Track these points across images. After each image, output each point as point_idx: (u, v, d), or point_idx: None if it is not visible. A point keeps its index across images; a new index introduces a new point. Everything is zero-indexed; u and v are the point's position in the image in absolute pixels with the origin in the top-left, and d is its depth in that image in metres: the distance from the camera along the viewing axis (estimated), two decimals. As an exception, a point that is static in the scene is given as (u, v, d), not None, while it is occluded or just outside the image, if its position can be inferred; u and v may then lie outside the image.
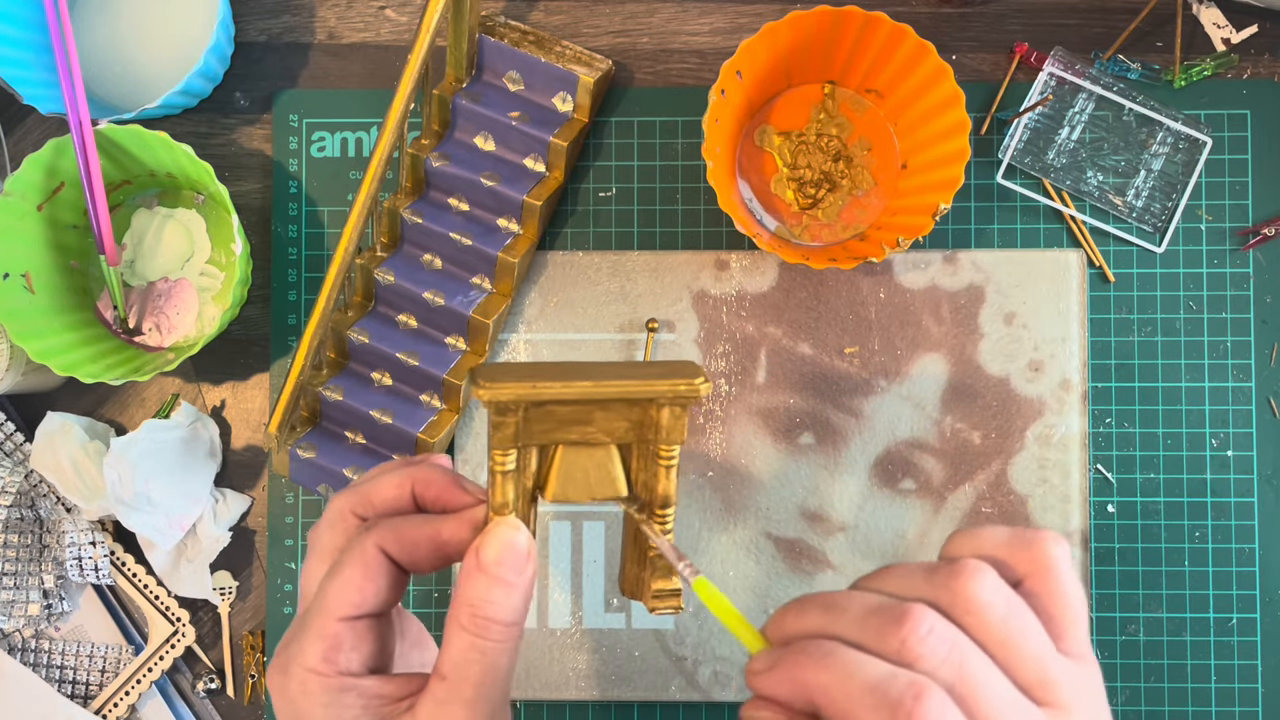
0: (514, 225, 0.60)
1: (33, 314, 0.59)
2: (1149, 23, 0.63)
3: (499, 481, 0.36)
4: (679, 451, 0.38)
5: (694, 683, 0.60)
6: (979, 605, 0.32)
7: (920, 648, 0.31)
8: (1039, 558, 0.34)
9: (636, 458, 0.38)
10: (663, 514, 0.38)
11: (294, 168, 0.63)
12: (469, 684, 0.35)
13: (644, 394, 0.36)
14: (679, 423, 0.37)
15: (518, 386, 0.35)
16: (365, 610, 0.37)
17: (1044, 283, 0.61)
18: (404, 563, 0.38)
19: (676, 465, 0.38)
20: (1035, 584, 0.34)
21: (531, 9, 0.63)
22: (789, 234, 0.62)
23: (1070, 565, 0.34)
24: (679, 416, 0.37)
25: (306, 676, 0.36)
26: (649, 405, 0.37)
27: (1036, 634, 0.33)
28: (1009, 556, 0.34)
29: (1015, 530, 0.35)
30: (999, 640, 0.32)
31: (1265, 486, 0.61)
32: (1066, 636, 0.34)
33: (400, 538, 0.37)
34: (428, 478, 0.39)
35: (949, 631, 0.31)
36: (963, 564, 0.33)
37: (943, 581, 0.33)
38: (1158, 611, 0.61)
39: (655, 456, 0.37)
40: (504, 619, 0.35)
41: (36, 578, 0.62)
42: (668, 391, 0.36)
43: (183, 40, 0.63)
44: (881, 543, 0.61)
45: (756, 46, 0.56)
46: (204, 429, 0.62)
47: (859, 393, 0.61)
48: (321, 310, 0.55)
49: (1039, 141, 0.62)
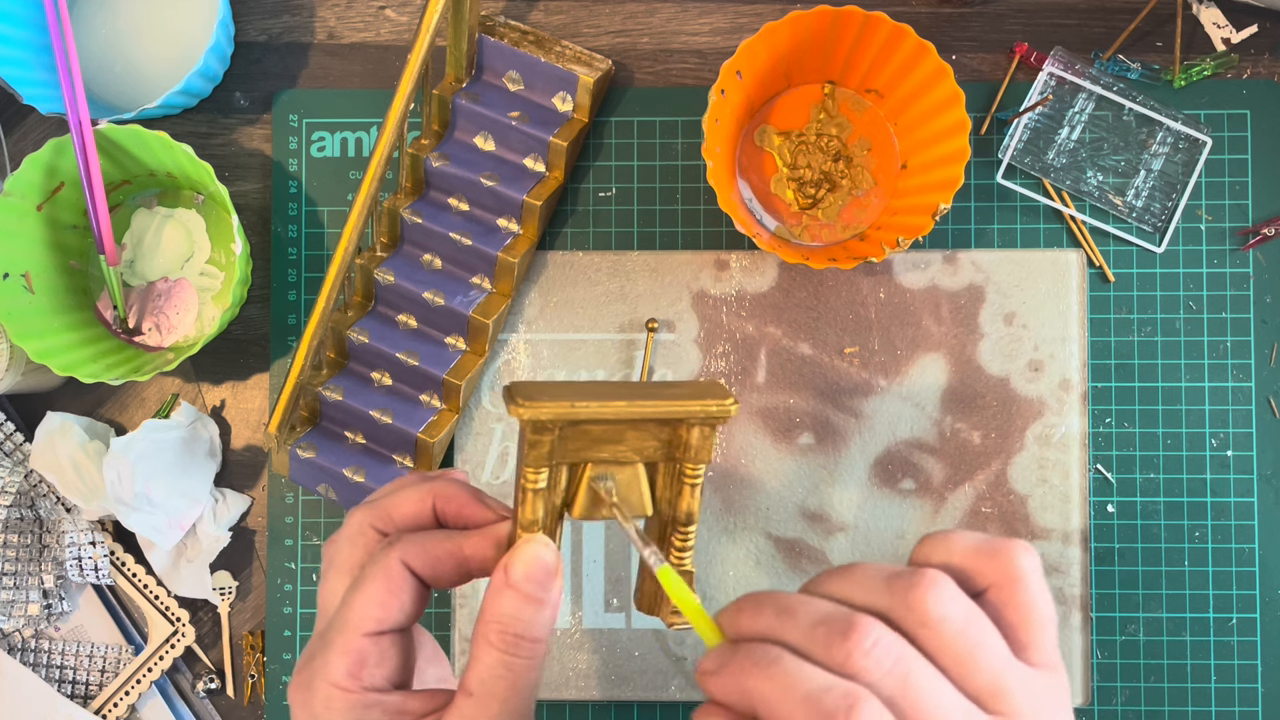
0: (514, 225, 0.60)
1: (33, 314, 0.59)
2: (1149, 23, 0.63)
3: (530, 499, 0.36)
4: (705, 471, 0.38)
5: (694, 683, 0.60)
6: (934, 618, 0.32)
7: (864, 660, 0.31)
8: (1006, 568, 0.34)
9: (662, 476, 0.39)
10: (684, 531, 0.39)
11: (294, 168, 0.63)
12: (497, 700, 0.35)
13: (677, 414, 0.37)
14: (707, 443, 0.37)
15: (556, 406, 0.35)
16: (390, 625, 0.37)
17: (1044, 283, 0.61)
18: (427, 578, 0.38)
19: (701, 484, 0.38)
20: (1000, 594, 0.34)
21: (531, 9, 0.63)
22: (789, 234, 0.62)
23: (1039, 575, 0.34)
24: (708, 436, 0.37)
25: (331, 692, 0.36)
26: (679, 425, 0.37)
27: (994, 645, 0.33)
28: (975, 566, 0.34)
29: (984, 538, 0.35)
30: (953, 653, 0.32)
31: (1265, 486, 0.61)
32: (1031, 646, 0.34)
33: (424, 552, 0.37)
34: (448, 493, 0.39)
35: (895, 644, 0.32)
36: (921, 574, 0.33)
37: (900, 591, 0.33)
38: (1158, 611, 0.61)
39: (681, 475, 0.38)
40: (532, 635, 0.35)
41: (36, 578, 0.62)
42: (699, 412, 0.37)
43: (183, 40, 0.63)
44: (881, 543, 0.61)
45: (756, 46, 0.56)
46: (204, 429, 0.62)
47: (859, 393, 0.61)
48: (321, 310, 0.55)
49: (1039, 141, 0.62)
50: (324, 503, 0.62)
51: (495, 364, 0.62)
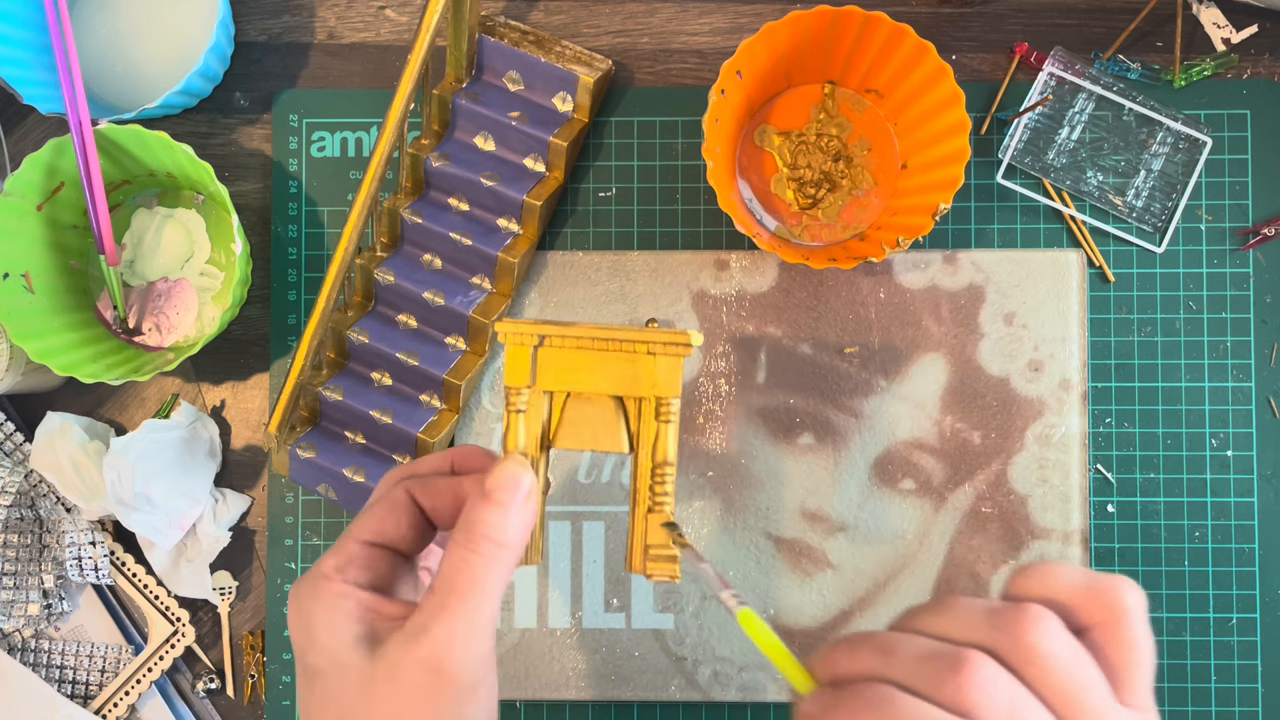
0: (514, 225, 0.60)
1: (33, 314, 0.59)
2: (1149, 23, 0.63)
3: (513, 422, 0.41)
4: (677, 408, 0.41)
5: (694, 683, 0.60)
6: (1041, 655, 0.31)
7: (977, 695, 0.31)
8: (1112, 607, 0.33)
9: (639, 416, 0.42)
10: (661, 473, 0.42)
11: (294, 168, 0.63)
12: (456, 594, 0.37)
13: (640, 338, 0.41)
14: (673, 375, 0.41)
15: (530, 324, 0.41)
16: (383, 539, 0.41)
17: (1044, 283, 0.61)
18: (427, 509, 0.42)
19: (675, 423, 0.41)
20: (1104, 634, 0.33)
21: (531, 9, 0.63)
22: (789, 234, 0.62)
23: (1145, 614, 0.34)
24: (673, 369, 0.41)
25: (317, 581, 0.39)
26: (646, 357, 0.41)
27: (1098, 685, 0.32)
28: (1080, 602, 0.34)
29: (1089, 574, 0.34)
30: (1060, 692, 0.32)
31: (1265, 486, 0.61)
32: (1128, 688, 0.33)
33: (426, 485, 0.42)
34: (465, 452, 0.44)
35: (1008, 682, 0.31)
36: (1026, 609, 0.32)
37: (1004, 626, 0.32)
38: (1158, 611, 0.61)
39: (655, 413, 0.41)
40: (495, 537, 0.38)
41: (36, 578, 0.62)
42: (660, 338, 0.41)
43: (183, 40, 0.63)
44: (881, 543, 0.61)
45: (756, 46, 0.56)
46: (204, 429, 0.62)
47: (859, 393, 0.61)
48: (321, 310, 0.55)
49: (1039, 141, 0.62)
50: (324, 503, 0.62)
51: (495, 364, 0.62)
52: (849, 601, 0.60)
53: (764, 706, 0.61)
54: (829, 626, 0.60)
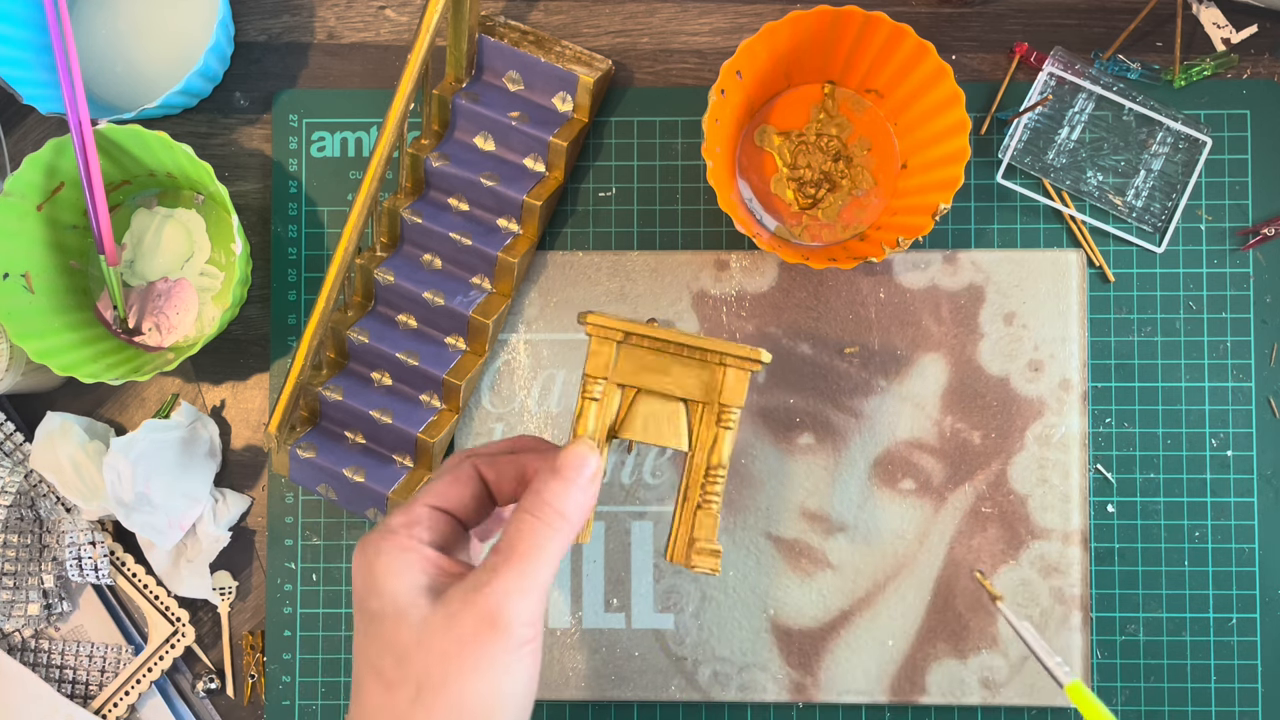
0: (514, 225, 0.60)
1: (33, 314, 0.59)
2: (1149, 23, 0.63)
3: (586, 409, 0.45)
4: (738, 417, 0.45)
5: (693, 683, 0.60)
6: None
7: None
8: None
9: (701, 418, 0.46)
10: (715, 474, 0.45)
11: (294, 168, 0.63)
12: (517, 554, 0.41)
13: (718, 349, 0.45)
14: (740, 386, 0.45)
15: (617, 321, 0.45)
16: (447, 505, 0.44)
17: (1044, 283, 0.61)
18: (491, 482, 0.46)
19: (734, 430, 0.45)
20: None
21: (531, 9, 0.63)
22: (789, 234, 0.62)
23: None
24: (741, 380, 0.45)
25: (385, 535, 0.43)
26: (717, 367, 0.45)
27: None
28: None
29: None
30: None
31: (1265, 486, 0.61)
32: None
33: (493, 461, 0.46)
34: (528, 441, 0.48)
35: None
36: None
37: None
38: (1158, 611, 0.61)
39: (717, 419, 0.45)
40: (559, 507, 0.42)
41: (36, 578, 0.62)
42: (735, 352, 0.45)
43: (183, 40, 0.63)
44: (881, 543, 0.61)
45: (756, 46, 0.56)
46: (204, 429, 0.62)
47: (859, 393, 0.61)
48: (321, 310, 0.55)
49: (1039, 141, 0.62)
50: (324, 503, 0.62)
51: (495, 364, 0.62)
52: (849, 601, 0.60)
53: (764, 706, 0.61)
54: (829, 626, 0.60)
